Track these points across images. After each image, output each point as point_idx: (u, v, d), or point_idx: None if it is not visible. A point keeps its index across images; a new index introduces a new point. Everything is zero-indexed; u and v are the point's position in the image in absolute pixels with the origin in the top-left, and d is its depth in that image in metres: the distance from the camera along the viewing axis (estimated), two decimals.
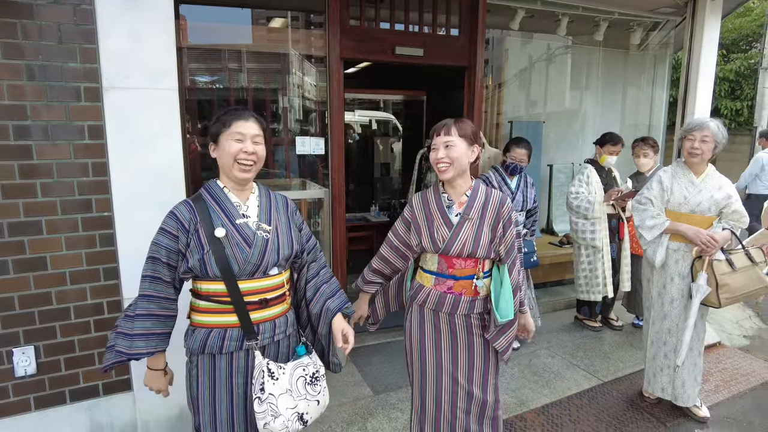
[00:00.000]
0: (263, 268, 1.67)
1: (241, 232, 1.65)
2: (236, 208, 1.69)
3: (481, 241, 1.90)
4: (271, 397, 1.61)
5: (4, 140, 2.10)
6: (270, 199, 1.79)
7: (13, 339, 2.22)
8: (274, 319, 1.72)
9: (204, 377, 1.67)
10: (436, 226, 1.94)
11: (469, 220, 1.91)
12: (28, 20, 2.07)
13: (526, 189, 3.52)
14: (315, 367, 1.76)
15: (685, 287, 2.67)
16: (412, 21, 3.63)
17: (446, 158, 1.87)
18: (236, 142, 1.63)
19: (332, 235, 3.48)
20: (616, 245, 3.89)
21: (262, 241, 1.67)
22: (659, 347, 2.81)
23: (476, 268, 1.95)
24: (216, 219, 1.64)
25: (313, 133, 3.75)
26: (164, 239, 1.61)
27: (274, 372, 1.64)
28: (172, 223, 1.62)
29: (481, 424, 2.03)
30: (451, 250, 1.91)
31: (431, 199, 2.00)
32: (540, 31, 5.20)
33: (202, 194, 1.69)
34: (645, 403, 2.98)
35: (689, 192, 2.64)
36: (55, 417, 2.34)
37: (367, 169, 7.46)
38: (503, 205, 1.96)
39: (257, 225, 1.69)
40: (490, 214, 1.94)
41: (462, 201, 1.96)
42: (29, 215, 2.17)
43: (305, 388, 1.70)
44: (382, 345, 3.72)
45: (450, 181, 1.95)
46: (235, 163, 1.63)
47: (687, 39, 4.28)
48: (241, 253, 1.62)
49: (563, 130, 5.70)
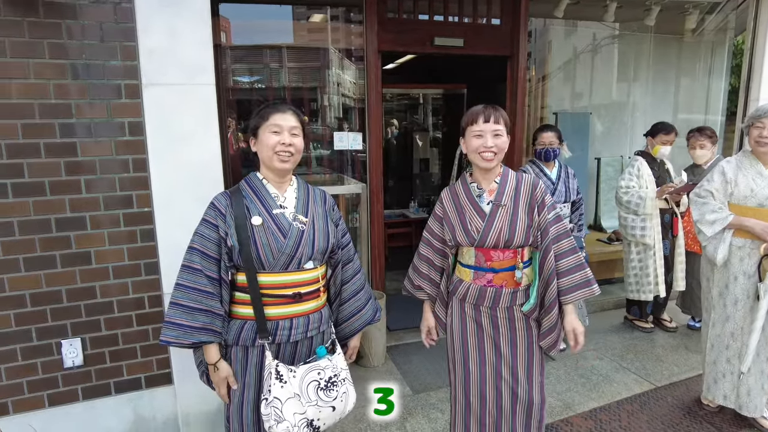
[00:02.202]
0: (297, 259, 1.66)
1: (276, 222, 1.65)
2: (274, 198, 1.70)
3: (517, 228, 1.82)
4: (276, 401, 1.57)
5: (51, 138, 2.15)
6: (308, 192, 1.79)
7: (61, 331, 2.29)
8: (308, 314, 1.71)
9: (238, 369, 1.68)
10: (468, 218, 1.87)
11: (502, 206, 1.83)
12: (71, 20, 2.12)
13: (567, 179, 3.35)
14: (333, 371, 1.70)
15: (751, 287, 2.47)
16: (451, 11, 3.53)
17: (495, 147, 1.80)
18: (274, 134, 1.64)
19: (370, 232, 3.43)
20: (669, 242, 3.67)
21: (298, 231, 1.66)
22: (720, 351, 2.61)
23: (515, 258, 1.86)
24: (253, 208, 1.65)
25: (352, 128, 3.73)
26: (202, 227, 1.63)
27: (282, 375, 1.60)
28: (210, 212, 1.64)
29: (528, 427, 1.94)
30: (486, 241, 1.84)
31: (460, 191, 1.94)
32: (586, 18, 4.98)
33: (240, 185, 1.72)
34: (704, 411, 2.78)
35: (757, 184, 2.44)
36: (101, 407, 2.40)
37: (406, 164, 7.40)
38: (536, 187, 1.86)
39: (294, 216, 1.69)
40: (523, 198, 1.85)
41: (492, 188, 1.88)
42: (74, 211, 2.22)
43: (317, 393, 1.64)
44: (422, 343, 3.63)
45: (488, 171, 1.87)
46: (274, 155, 1.65)
47: (750, 20, 3.98)
48: (275, 243, 1.62)
49: (611, 122, 5.46)
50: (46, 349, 2.28)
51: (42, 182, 2.16)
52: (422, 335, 2.16)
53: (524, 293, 1.90)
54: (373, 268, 3.52)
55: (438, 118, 7.65)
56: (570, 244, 1.87)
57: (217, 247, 1.61)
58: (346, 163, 3.80)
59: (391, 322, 3.74)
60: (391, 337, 3.69)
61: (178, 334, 1.58)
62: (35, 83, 2.10)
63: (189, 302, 1.59)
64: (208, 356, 1.66)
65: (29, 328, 2.23)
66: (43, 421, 2.31)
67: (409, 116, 8.12)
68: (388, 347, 3.51)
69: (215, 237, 1.61)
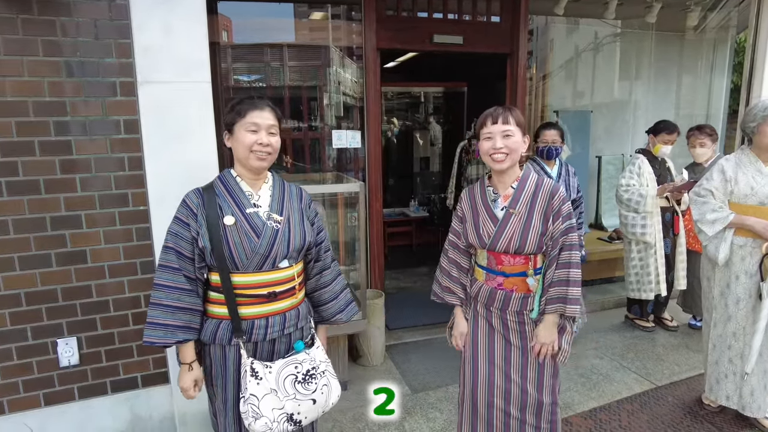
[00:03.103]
0: (272, 259, 1.62)
1: (250, 221, 1.61)
2: (247, 197, 1.65)
3: (530, 236, 1.79)
4: (253, 398, 1.55)
5: (45, 136, 2.14)
6: (284, 189, 1.74)
7: (57, 330, 2.27)
8: (284, 312, 1.67)
9: (216, 367, 1.66)
10: (481, 221, 1.86)
11: (516, 214, 1.81)
12: (66, 17, 2.10)
13: (568, 178, 3.32)
14: (312, 364, 1.68)
15: (753, 286, 2.44)
16: (450, 8, 3.51)
17: (505, 148, 1.77)
18: (251, 133, 1.59)
19: (368, 231, 3.41)
20: (670, 240, 3.65)
21: (272, 231, 1.62)
22: (723, 351, 2.59)
23: (527, 264, 1.84)
24: (226, 207, 1.61)
25: (351, 126, 3.71)
26: (175, 226, 1.59)
27: (258, 371, 1.58)
28: (183, 210, 1.60)
29: (539, 429, 1.93)
30: (497, 246, 1.83)
31: (477, 193, 1.93)
32: (587, 16, 4.95)
33: (214, 182, 1.67)
34: (705, 411, 2.75)
35: (757, 182, 2.41)
36: (98, 407, 2.39)
37: (406, 163, 7.39)
38: (554, 195, 1.82)
39: (268, 215, 1.65)
40: (539, 206, 1.81)
41: (508, 194, 1.86)
42: (69, 209, 2.21)
43: (294, 387, 1.62)
44: (421, 342, 3.64)
45: (502, 173, 1.85)
46: (251, 154, 1.60)
47: (753, 16, 3.94)
48: (248, 243, 1.58)
49: (612, 120, 5.43)
50: (42, 349, 2.26)
51: (37, 180, 2.15)
52: (453, 341, 2.07)
53: (534, 300, 1.88)
54: (372, 267, 3.50)
55: (439, 117, 7.62)
56: (568, 257, 1.81)
57: (191, 245, 1.59)
58: (345, 161, 3.79)
59: (390, 322, 3.72)
60: (390, 336, 3.68)
61: (162, 333, 1.56)
62: (29, 81, 2.08)
63: (171, 302, 1.56)
64: (183, 355, 1.63)
65: (24, 327, 2.22)
66: (38, 421, 2.30)
67: (410, 114, 8.10)
68: (386, 346, 3.49)
69: (188, 236, 1.58)
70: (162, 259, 1.59)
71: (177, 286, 1.57)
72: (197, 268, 1.60)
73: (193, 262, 1.59)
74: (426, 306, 3.99)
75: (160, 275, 1.58)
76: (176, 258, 1.57)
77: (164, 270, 1.57)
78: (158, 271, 1.59)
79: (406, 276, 5.30)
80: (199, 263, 1.60)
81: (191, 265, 1.59)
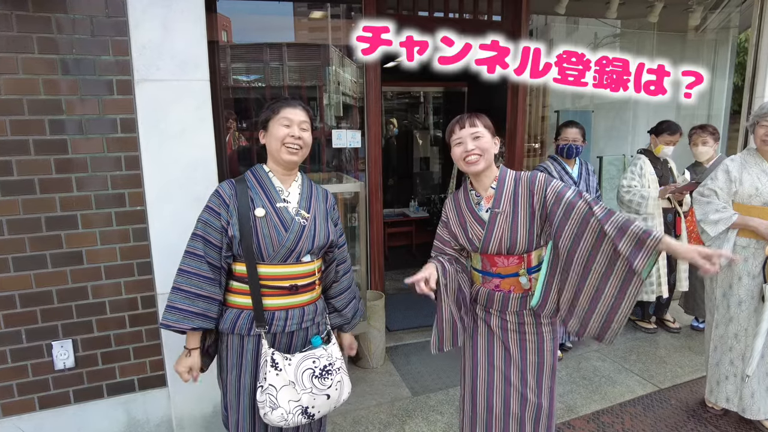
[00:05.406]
0: (297, 253, 1.68)
1: (279, 215, 1.68)
2: (278, 191, 1.73)
3: (519, 234, 1.77)
4: (271, 388, 1.60)
5: (40, 135, 2.10)
6: (311, 188, 1.83)
7: (52, 332, 2.24)
8: (303, 306, 1.73)
9: (233, 357, 1.70)
10: (469, 226, 1.85)
11: (501, 213, 1.78)
12: (61, 14, 2.06)
13: (588, 177, 3.28)
14: (329, 360, 1.74)
15: (756, 288, 2.41)
16: (451, 7, 3.49)
17: (477, 149, 1.76)
18: (284, 127, 1.68)
19: (368, 231, 3.38)
20: None
21: (299, 226, 1.69)
22: (724, 353, 2.56)
23: (521, 264, 1.83)
24: (257, 200, 1.68)
25: (351, 126, 3.68)
26: (206, 215, 1.66)
27: (278, 363, 1.63)
28: (214, 199, 1.67)
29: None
30: (489, 248, 1.82)
31: (461, 198, 1.92)
32: (588, 15, 4.92)
33: (246, 176, 1.74)
34: (708, 414, 2.72)
35: (762, 183, 2.38)
36: (93, 410, 2.35)
37: (406, 163, 7.36)
38: (533, 182, 1.77)
39: (296, 210, 1.72)
40: (522, 201, 1.78)
41: (489, 195, 1.84)
42: (65, 209, 2.17)
43: (312, 381, 1.67)
44: (422, 344, 3.61)
45: (478, 175, 1.83)
46: (282, 146, 1.68)
47: (756, 16, 3.91)
48: (277, 236, 1.65)
49: (613, 120, 5.39)
50: (37, 351, 2.23)
51: (31, 180, 2.11)
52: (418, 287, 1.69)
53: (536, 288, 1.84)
54: (372, 267, 3.46)
55: (439, 117, 7.60)
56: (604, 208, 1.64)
57: (220, 234, 1.64)
58: (345, 161, 3.76)
59: (390, 323, 3.69)
60: (391, 338, 3.64)
61: (177, 318, 1.61)
62: (24, 79, 2.05)
63: (191, 287, 1.62)
64: (188, 341, 1.68)
65: (19, 329, 2.18)
66: (33, 425, 2.26)
67: (410, 115, 8.07)
68: (387, 348, 3.46)
69: (218, 225, 1.64)
70: (189, 246, 1.65)
71: (200, 273, 1.63)
72: (223, 257, 1.65)
73: (220, 250, 1.65)
74: (427, 307, 3.97)
75: (185, 261, 1.64)
76: (203, 245, 1.63)
77: (189, 257, 1.64)
78: (183, 257, 1.64)
79: (406, 277, 5.26)
80: (226, 252, 1.65)
81: (218, 252, 1.65)
